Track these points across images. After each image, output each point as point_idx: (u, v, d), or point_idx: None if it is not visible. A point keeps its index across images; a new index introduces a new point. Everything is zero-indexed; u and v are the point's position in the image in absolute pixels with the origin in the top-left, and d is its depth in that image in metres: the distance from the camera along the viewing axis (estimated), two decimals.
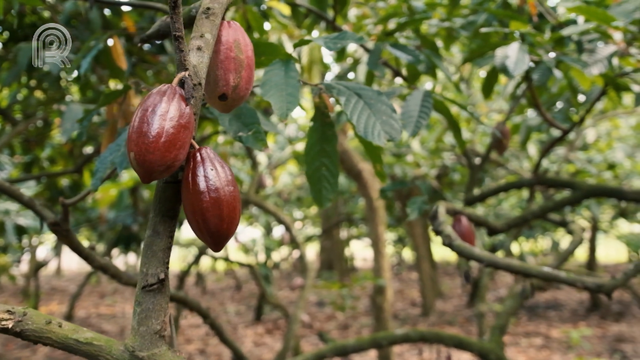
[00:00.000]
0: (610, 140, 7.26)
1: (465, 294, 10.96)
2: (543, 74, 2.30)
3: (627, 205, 7.79)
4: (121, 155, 1.41)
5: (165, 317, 0.99)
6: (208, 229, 0.96)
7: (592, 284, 1.71)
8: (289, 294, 11.48)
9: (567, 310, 8.99)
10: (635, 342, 6.97)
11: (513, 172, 6.66)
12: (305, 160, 1.59)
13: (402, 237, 12.87)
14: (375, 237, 6.36)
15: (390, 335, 2.90)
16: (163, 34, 1.30)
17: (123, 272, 1.96)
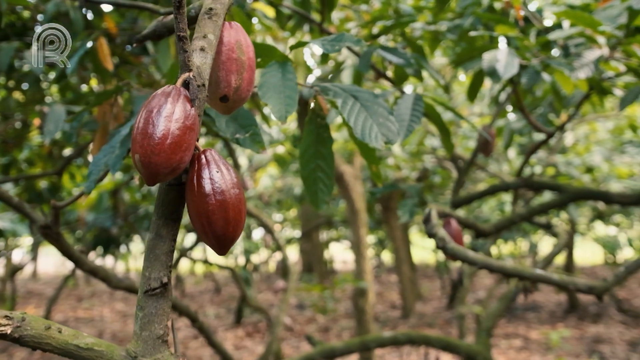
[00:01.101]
0: (588, 144, 7.35)
1: (444, 296, 11.01)
2: (531, 78, 2.32)
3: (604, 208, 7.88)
4: (115, 158, 1.39)
5: (168, 321, 0.97)
6: (214, 232, 0.94)
7: (584, 286, 1.72)
8: (269, 297, 11.45)
9: (545, 312, 9.07)
10: (613, 343, 7.05)
11: (493, 175, 6.70)
12: (300, 162, 1.58)
13: (382, 239, 12.90)
14: (357, 239, 6.36)
15: (378, 338, 2.90)
16: (159, 34, 1.29)
17: (112, 275, 1.94)
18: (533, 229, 9.02)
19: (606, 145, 7.55)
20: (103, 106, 1.71)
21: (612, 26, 2.30)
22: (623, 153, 7.38)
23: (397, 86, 2.72)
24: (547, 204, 2.77)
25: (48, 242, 1.69)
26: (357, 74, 2.79)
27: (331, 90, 1.45)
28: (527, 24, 2.85)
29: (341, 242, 14.43)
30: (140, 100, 1.56)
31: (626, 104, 2.72)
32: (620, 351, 6.70)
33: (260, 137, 1.28)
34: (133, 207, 6.34)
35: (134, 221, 6.19)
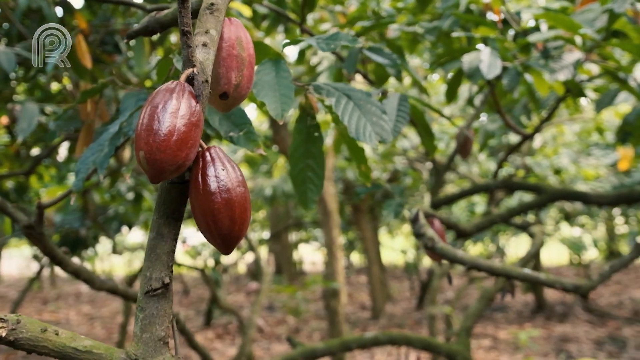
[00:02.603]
0: (556, 146, 7.46)
1: (413, 297, 11.07)
2: (512, 79, 2.34)
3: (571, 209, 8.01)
4: (103, 156, 1.36)
5: (169, 323, 0.95)
6: (219, 231, 0.92)
7: (570, 285, 1.74)
8: (239, 298, 11.38)
9: (513, 312, 9.18)
10: (580, 342, 7.17)
11: (463, 176, 6.76)
12: (289, 162, 1.56)
13: (351, 240, 12.92)
14: (329, 240, 6.35)
15: (359, 339, 2.89)
16: (152, 30, 1.26)
17: (96, 276, 1.89)
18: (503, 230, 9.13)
19: (573, 148, 7.68)
20: (87, 104, 1.67)
21: (592, 29, 2.33)
22: (589, 155, 7.52)
23: (378, 87, 2.72)
24: (527, 204, 2.80)
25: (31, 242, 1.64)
26: (337, 74, 2.78)
27: (324, 88, 1.44)
28: (505, 25, 2.88)
29: (310, 244, 14.41)
30: (128, 97, 1.53)
31: (603, 106, 2.77)
32: (586, 350, 6.82)
33: (255, 136, 1.26)
34: (102, 207, 6.24)
35: (104, 222, 6.09)
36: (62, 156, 4.77)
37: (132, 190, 5.58)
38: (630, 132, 3.46)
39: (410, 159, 7.50)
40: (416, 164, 7.47)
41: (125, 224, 6.52)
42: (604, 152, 6.92)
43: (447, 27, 2.83)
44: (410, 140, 7.01)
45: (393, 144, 6.91)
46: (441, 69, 2.80)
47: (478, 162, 7.53)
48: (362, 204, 8.92)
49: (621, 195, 2.60)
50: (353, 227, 10.92)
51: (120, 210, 6.12)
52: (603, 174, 7.11)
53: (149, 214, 6.89)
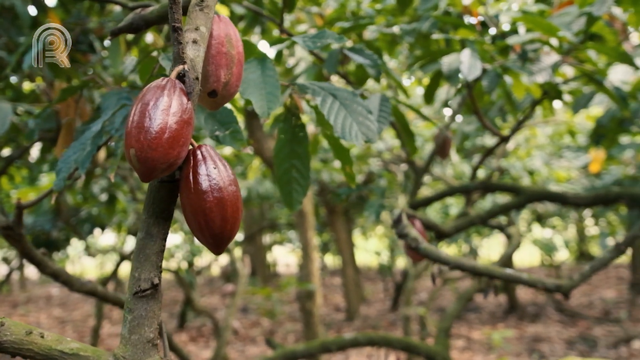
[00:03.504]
0: (529, 149, 7.55)
1: (387, 298, 11.11)
2: (492, 81, 2.35)
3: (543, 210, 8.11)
4: (86, 155, 1.34)
5: (157, 324, 0.93)
6: (211, 230, 0.91)
7: (552, 285, 1.76)
8: (212, 301, 11.30)
9: (486, 313, 9.26)
10: (552, 342, 7.25)
11: (437, 178, 6.80)
12: (274, 162, 1.55)
13: (325, 242, 12.92)
14: (305, 242, 6.34)
15: (339, 340, 2.89)
16: (136, 28, 1.24)
17: (75, 278, 1.86)
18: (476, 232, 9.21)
19: (546, 150, 7.79)
20: (67, 102, 1.64)
21: (570, 32, 2.36)
22: (561, 157, 7.63)
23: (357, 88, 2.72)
24: (506, 205, 2.83)
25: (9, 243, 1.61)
26: (318, 75, 2.77)
27: (309, 88, 1.43)
28: (483, 28, 2.90)
29: (284, 245, 14.38)
30: (109, 96, 1.50)
31: (579, 108, 2.81)
32: (558, 349, 6.90)
33: (242, 135, 1.25)
34: (75, 209, 6.15)
35: (76, 224, 6.00)
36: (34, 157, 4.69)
37: (105, 192, 5.51)
38: (604, 134, 3.51)
39: (385, 161, 7.52)
40: (391, 165, 7.50)
41: (97, 225, 6.43)
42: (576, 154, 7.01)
43: (426, 29, 2.84)
44: (385, 142, 7.04)
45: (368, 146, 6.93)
46: (420, 70, 2.81)
47: (452, 164, 7.58)
48: (336, 206, 8.92)
49: (598, 196, 2.64)
50: (327, 228, 10.92)
51: (93, 212, 6.03)
52: (575, 176, 7.22)
53: (123, 216, 6.82)
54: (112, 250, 10.03)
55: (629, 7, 2.39)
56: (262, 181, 8.22)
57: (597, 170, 5.29)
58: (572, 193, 2.67)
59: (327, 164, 7.63)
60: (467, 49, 2.31)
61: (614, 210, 7.35)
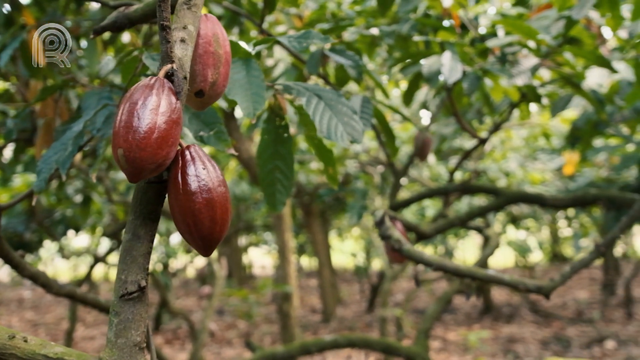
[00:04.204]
0: (505, 151, 7.62)
1: (364, 300, 11.13)
2: (472, 83, 2.36)
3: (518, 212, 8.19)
4: (67, 155, 1.31)
5: (144, 327, 0.92)
6: (200, 232, 0.90)
7: (533, 286, 1.77)
8: (188, 303, 11.23)
9: (462, 314, 9.31)
10: (526, 342, 7.32)
11: (414, 180, 6.83)
12: (257, 163, 1.54)
13: (302, 244, 12.91)
14: (282, 244, 6.32)
15: (319, 342, 2.88)
16: (120, 26, 1.22)
17: (53, 281, 1.83)
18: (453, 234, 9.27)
19: (521, 152, 7.87)
20: (46, 102, 1.61)
21: (549, 36, 2.38)
22: (536, 160, 7.71)
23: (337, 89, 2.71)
24: (486, 207, 2.84)
25: None
26: (298, 76, 2.76)
27: (294, 88, 1.42)
28: (463, 30, 2.91)
29: (260, 247, 14.33)
30: (90, 96, 1.48)
31: (557, 111, 2.83)
32: (533, 349, 6.97)
33: (226, 136, 1.24)
34: (48, 210, 6.06)
35: (50, 225, 5.91)
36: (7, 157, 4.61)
37: (80, 193, 5.43)
38: (580, 137, 3.55)
39: (362, 163, 7.54)
40: (368, 167, 7.51)
41: (72, 227, 6.34)
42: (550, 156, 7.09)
43: (406, 31, 2.84)
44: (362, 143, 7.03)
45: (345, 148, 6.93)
46: (401, 72, 2.82)
47: (428, 166, 7.62)
48: (313, 208, 8.91)
49: (576, 198, 2.67)
50: (304, 230, 10.91)
51: (67, 213, 5.94)
52: (549, 178, 7.30)
53: (97, 218, 6.74)
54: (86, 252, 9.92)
55: (607, 11, 2.42)
56: (239, 182, 8.18)
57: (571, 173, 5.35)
58: (550, 195, 2.70)
59: (304, 165, 7.62)
60: (448, 51, 2.32)
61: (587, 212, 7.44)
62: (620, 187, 3.36)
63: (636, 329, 7.47)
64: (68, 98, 2.53)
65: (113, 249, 7.54)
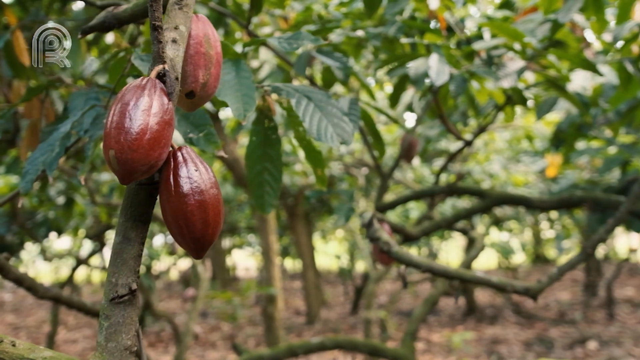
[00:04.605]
0: (488, 153, 7.66)
1: (348, 301, 11.13)
2: (459, 85, 2.37)
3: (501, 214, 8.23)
4: (54, 156, 1.30)
5: (135, 331, 0.91)
6: (192, 234, 0.89)
7: (521, 288, 1.78)
8: (171, 305, 11.17)
9: (445, 315, 9.35)
10: (509, 344, 7.36)
11: (397, 182, 6.84)
12: (246, 165, 1.53)
13: (285, 246, 12.89)
14: (266, 246, 6.31)
15: (306, 344, 2.87)
16: (108, 26, 1.21)
17: (39, 284, 1.80)
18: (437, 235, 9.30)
19: (504, 155, 7.92)
20: (32, 102, 1.59)
21: (535, 39, 2.40)
22: (519, 162, 7.77)
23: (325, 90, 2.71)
24: (471, 209, 2.85)
25: None
26: (285, 78, 2.76)
27: (283, 90, 1.42)
28: (449, 33, 2.92)
29: (244, 249, 14.28)
30: (77, 96, 1.46)
31: (543, 113, 2.85)
32: (516, 351, 7.01)
33: (216, 137, 1.23)
34: (30, 212, 5.99)
35: (32, 227, 5.85)
36: None
37: (62, 195, 5.38)
38: (564, 139, 3.57)
39: (347, 165, 7.54)
40: (352, 169, 7.51)
41: (54, 229, 6.27)
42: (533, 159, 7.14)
43: (393, 34, 2.85)
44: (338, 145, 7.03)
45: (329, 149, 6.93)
46: (387, 75, 2.82)
47: (412, 168, 7.64)
48: (297, 209, 8.91)
49: (562, 200, 2.68)
50: (288, 232, 10.90)
51: (49, 215, 5.88)
52: (532, 180, 7.36)
53: (80, 220, 6.68)
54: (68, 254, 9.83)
55: (592, 14, 2.44)
56: (223, 184, 8.15)
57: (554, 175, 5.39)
58: (536, 197, 2.71)
59: (288, 167, 7.61)
60: (435, 53, 2.32)
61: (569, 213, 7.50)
62: (603, 189, 3.39)
63: (618, 329, 7.53)
64: (52, 99, 2.50)
65: (95, 251, 7.48)
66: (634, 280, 11.45)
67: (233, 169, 6.07)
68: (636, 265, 12.69)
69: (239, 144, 6.62)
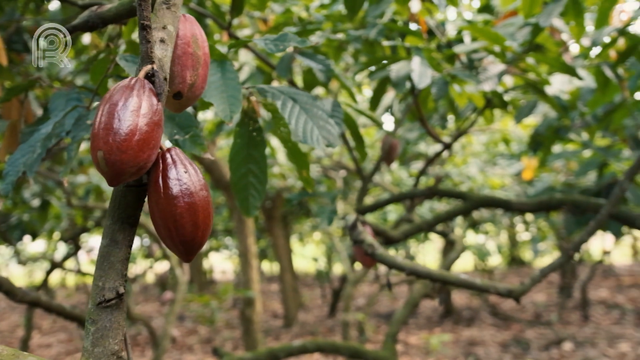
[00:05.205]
0: (465, 156, 7.71)
1: (325, 304, 11.13)
2: (440, 88, 2.38)
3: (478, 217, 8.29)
4: (35, 158, 1.27)
5: (122, 336, 0.89)
6: (182, 237, 0.87)
7: (504, 290, 1.78)
8: (147, 309, 11.06)
9: (423, 317, 9.38)
10: (486, 345, 7.41)
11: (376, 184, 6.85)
12: (230, 167, 1.52)
13: (263, 249, 12.86)
14: (244, 248, 6.28)
15: (287, 347, 2.86)
16: (92, 26, 1.19)
17: (18, 288, 1.77)
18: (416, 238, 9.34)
19: (481, 158, 7.98)
20: (11, 103, 1.56)
21: (516, 43, 2.41)
22: (495, 165, 7.83)
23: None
24: (453, 211, 2.86)
25: None
26: (266, 80, 2.74)
27: (268, 91, 1.41)
28: (430, 36, 2.94)
29: (221, 252, 14.21)
30: (57, 97, 1.44)
31: (522, 117, 2.87)
32: (493, 352, 7.06)
33: (202, 139, 1.21)
34: (4, 215, 5.90)
35: (6, 230, 5.75)
36: None
37: (38, 197, 5.30)
38: (542, 142, 3.61)
39: (325, 167, 7.54)
40: (330, 172, 7.52)
41: (28, 232, 6.18)
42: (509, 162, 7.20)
43: (373, 36, 2.85)
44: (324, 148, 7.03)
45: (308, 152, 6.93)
46: (368, 77, 2.82)
47: (390, 171, 7.66)
48: (274, 212, 8.88)
49: (542, 203, 2.70)
50: (265, 234, 10.87)
51: (24, 217, 5.79)
52: (508, 183, 7.42)
53: (55, 222, 6.59)
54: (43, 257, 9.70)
55: (571, 19, 2.47)
56: None
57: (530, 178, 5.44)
58: (516, 199, 2.73)
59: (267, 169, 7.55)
60: (417, 56, 2.33)
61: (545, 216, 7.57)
62: (580, 191, 3.43)
63: (592, 330, 7.62)
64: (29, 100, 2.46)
65: (70, 254, 7.39)
66: (608, 281, 11.62)
67: (211, 171, 6.04)
68: (609, 267, 12.86)
69: (216, 146, 6.59)
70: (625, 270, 13.09)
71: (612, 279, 11.88)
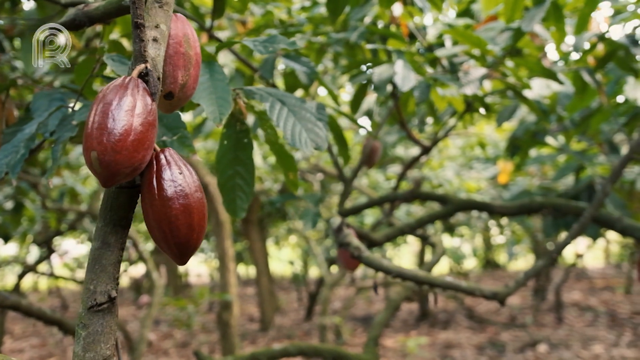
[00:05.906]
0: (442, 160, 7.76)
1: (302, 307, 11.10)
2: (423, 92, 2.38)
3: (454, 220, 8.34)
4: (18, 158, 1.25)
5: (114, 341, 0.87)
6: (176, 239, 0.86)
7: (489, 292, 1.79)
8: (121, 312, 10.93)
9: (399, 320, 9.41)
10: (462, 348, 7.45)
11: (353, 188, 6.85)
12: (217, 169, 1.50)
13: (239, 252, 12.80)
14: (222, 251, 6.24)
15: (269, 351, 2.84)
16: (79, 24, 1.16)
17: None
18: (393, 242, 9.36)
19: (457, 161, 8.03)
20: None
21: (497, 47, 2.43)
22: (471, 169, 7.89)
23: None
24: (435, 214, 2.88)
25: None
26: (248, 82, 2.73)
27: (256, 93, 1.40)
28: (411, 39, 2.94)
29: (196, 255, 14.11)
30: (40, 97, 1.41)
31: (503, 120, 2.90)
32: (469, 355, 7.10)
33: (190, 141, 1.20)
34: None
35: None
36: None
37: (11, 199, 5.21)
38: (519, 146, 3.64)
39: (302, 170, 7.53)
40: (307, 175, 7.51)
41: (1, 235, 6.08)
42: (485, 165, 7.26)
43: (355, 39, 2.85)
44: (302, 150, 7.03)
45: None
46: (349, 81, 2.82)
47: (367, 174, 7.68)
48: (252, 215, 8.85)
49: (523, 206, 2.73)
50: (241, 238, 10.82)
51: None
52: (484, 187, 7.48)
53: (29, 225, 6.49)
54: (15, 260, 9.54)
55: (552, 24, 2.49)
56: None
57: (505, 182, 5.49)
58: (497, 203, 2.75)
59: None
60: (400, 59, 2.33)
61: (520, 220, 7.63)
62: (558, 195, 3.46)
63: (566, 332, 7.71)
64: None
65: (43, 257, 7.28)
66: (581, 284, 11.76)
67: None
68: (582, 270, 13.04)
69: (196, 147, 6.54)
70: (597, 273, 13.27)
71: (585, 282, 12.04)
